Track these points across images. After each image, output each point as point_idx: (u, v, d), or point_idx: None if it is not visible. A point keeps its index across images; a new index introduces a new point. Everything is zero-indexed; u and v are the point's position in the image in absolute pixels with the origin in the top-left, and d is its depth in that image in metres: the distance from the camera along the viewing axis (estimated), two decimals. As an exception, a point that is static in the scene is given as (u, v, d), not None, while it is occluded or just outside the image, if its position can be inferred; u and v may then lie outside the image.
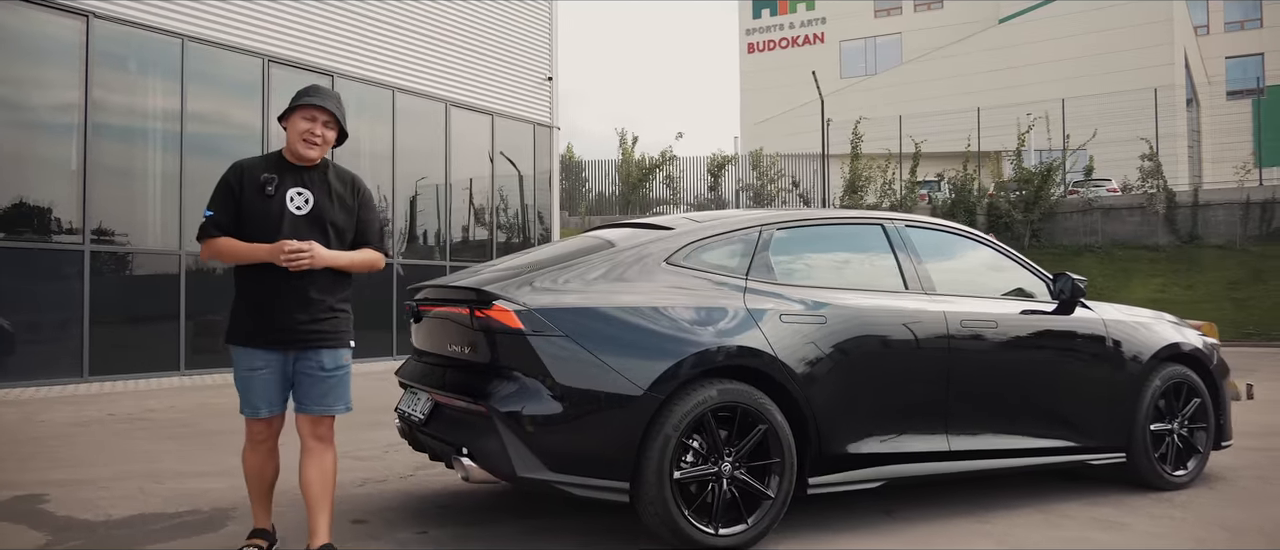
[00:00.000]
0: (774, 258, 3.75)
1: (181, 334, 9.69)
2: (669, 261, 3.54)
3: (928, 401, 3.84)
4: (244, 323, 3.10)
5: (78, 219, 9.05)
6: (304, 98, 3.12)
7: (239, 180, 3.09)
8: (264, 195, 3.05)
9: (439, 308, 3.62)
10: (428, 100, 12.76)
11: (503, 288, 3.30)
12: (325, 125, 3.11)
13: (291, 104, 3.13)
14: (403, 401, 3.90)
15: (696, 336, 3.36)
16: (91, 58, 9.10)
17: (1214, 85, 41.42)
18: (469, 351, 3.40)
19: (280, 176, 3.08)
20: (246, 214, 3.06)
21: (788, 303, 3.61)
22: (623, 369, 3.22)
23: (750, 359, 3.44)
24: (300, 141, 3.09)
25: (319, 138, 3.10)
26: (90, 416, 6.96)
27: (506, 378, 3.23)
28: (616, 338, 3.27)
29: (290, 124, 3.11)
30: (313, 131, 3.08)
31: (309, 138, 3.08)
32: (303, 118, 3.09)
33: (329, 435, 3.18)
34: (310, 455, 3.13)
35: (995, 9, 39.01)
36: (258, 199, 3.06)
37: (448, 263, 12.96)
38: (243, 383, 3.12)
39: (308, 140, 3.08)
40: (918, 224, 4.23)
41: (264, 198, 3.06)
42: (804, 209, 4.18)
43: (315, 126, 3.08)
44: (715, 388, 3.34)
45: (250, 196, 3.06)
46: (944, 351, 3.89)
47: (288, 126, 3.13)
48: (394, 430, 6.25)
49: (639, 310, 3.34)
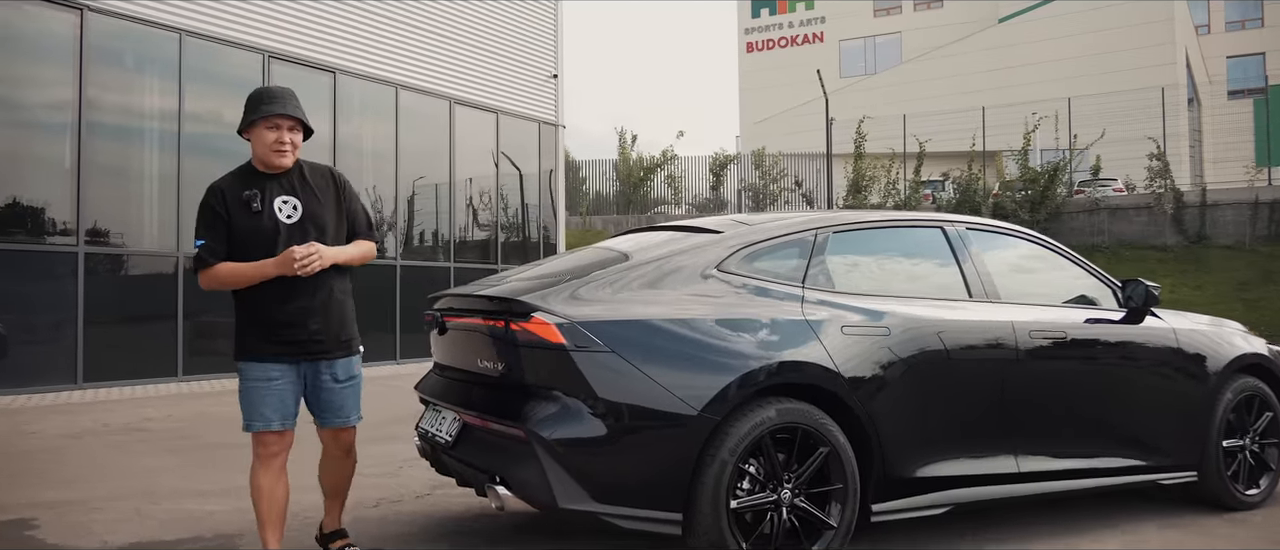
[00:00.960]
0: (831, 263, 3.45)
1: (179, 338, 9.36)
2: (720, 268, 3.23)
3: (996, 419, 3.55)
4: (255, 336, 3.02)
5: (72, 219, 8.72)
6: (264, 108, 3.02)
7: (222, 202, 3.01)
8: (252, 212, 3.00)
9: (468, 319, 3.30)
10: (432, 98, 12.44)
11: (541, 298, 2.99)
12: (291, 130, 3.05)
13: (250, 116, 3.03)
14: (424, 420, 3.59)
15: (753, 351, 3.05)
16: (86, 53, 8.77)
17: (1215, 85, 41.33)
18: (502, 368, 3.09)
19: (262, 189, 3.02)
20: (238, 234, 3.00)
21: (848, 313, 3.31)
22: (674, 388, 2.91)
23: (811, 375, 3.14)
24: (272, 153, 3.03)
25: (288, 144, 3.04)
26: (84, 427, 6.63)
27: (546, 398, 2.93)
28: (667, 353, 2.97)
29: (255, 136, 3.04)
30: (281, 140, 3.02)
31: (279, 148, 3.03)
32: (267, 128, 3.02)
33: (351, 444, 3.22)
34: (331, 460, 3.24)
35: (995, 8, 38.87)
36: (246, 217, 3.00)
37: (452, 263, 12.64)
38: (255, 395, 3.01)
39: (278, 150, 3.03)
40: (978, 226, 3.93)
41: (252, 214, 3.00)
42: (859, 211, 3.84)
43: (282, 134, 3.02)
44: (774, 407, 3.05)
45: (238, 216, 2.99)
46: (1012, 365, 3.59)
47: (252, 138, 3.05)
48: (408, 445, 6.00)
49: (691, 323, 3.04)
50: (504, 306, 3.05)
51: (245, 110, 3.06)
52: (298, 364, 3.04)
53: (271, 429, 3.01)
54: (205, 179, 3.28)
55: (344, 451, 3.20)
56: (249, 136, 3.07)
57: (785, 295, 3.26)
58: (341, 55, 11.18)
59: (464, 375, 3.39)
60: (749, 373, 3.01)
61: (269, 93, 3.09)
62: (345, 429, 3.17)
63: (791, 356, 3.11)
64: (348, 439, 3.20)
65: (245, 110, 3.06)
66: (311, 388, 3.09)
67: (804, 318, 3.21)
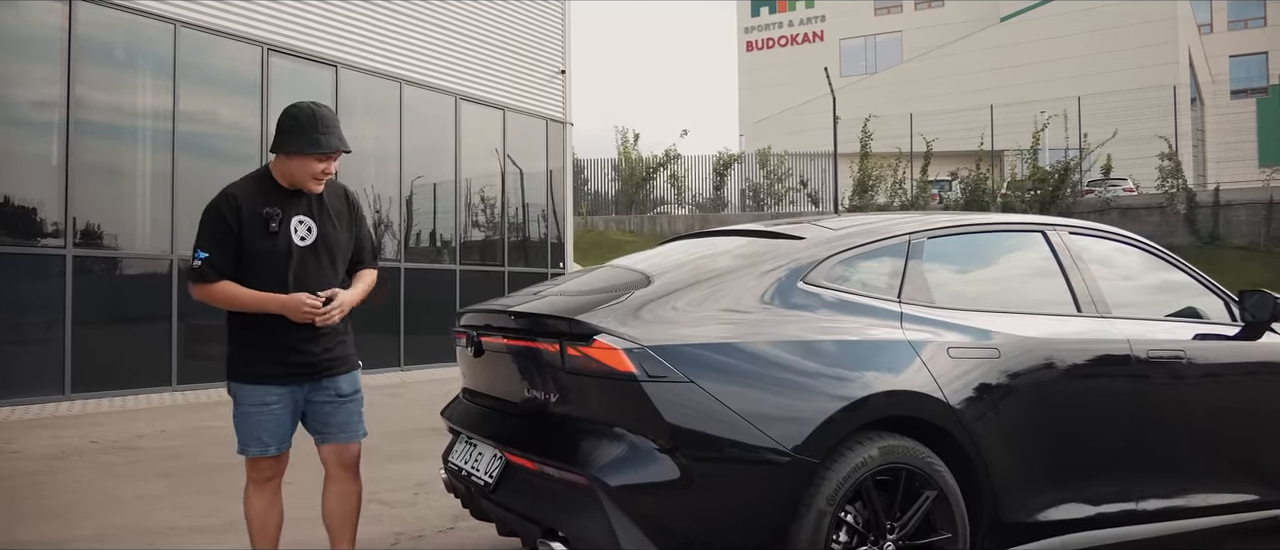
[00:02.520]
0: (928, 272, 3.00)
1: (173, 346, 8.86)
2: (807, 281, 2.77)
3: (1113, 451, 3.10)
4: (252, 358, 2.85)
5: (60, 220, 8.22)
6: (320, 138, 2.80)
7: (236, 213, 2.78)
8: (267, 232, 2.80)
9: (511, 340, 2.84)
10: (437, 93, 11.95)
11: (602, 317, 2.52)
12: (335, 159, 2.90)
13: (299, 144, 2.79)
14: (456, 454, 3.12)
15: (853, 378, 2.60)
16: (74, 44, 8.26)
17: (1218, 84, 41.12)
18: (555, 399, 2.63)
19: (283, 207, 2.84)
20: (248, 253, 2.80)
21: (953, 331, 2.85)
22: (764, 424, 2.46)
23: (917, 406, 2.69)
24: (311, 180, 2.85)
25: (331, 173, 2.91)
26: (70, 445, 6.14)
27: (610, 436, 2.47)
28: (754, 383, 2.51)
29: (300, 163, 2.82)
30: (327, 170, 2.88)
31: (319, 179, 2.87)
32: (317, 160, 2.83)
33: (356, 463, 3.03)
34: (335, 484, 3.01)
35: (996, 7, 38.62)
36: (261, 237, 2.80)
37: (457, 265, 12.16)
38: (251, 419, 2.85)
39: (319, 179, 2.87)
40: (1080, 229, 3.48)
41: (268, 235, 2.80)
42: (953, 213, 3.37)
43: (330, 165, 2.87)
44: (876, 445, 2.59)
45: (252, 232, 2.79)
46: (1130, 390, 3.15)
47: (290, 161, 2.83)
48: (422, 464, 5.55)
49: (781, 346, 2.58)
50: (561, 326, 2.58)
51: (290, 131, 2.80)
52: (299, 385, 2.88)
53: (268, 455, 2.87)
54: (200, 178, 2.93)
55: (350, 471, 3.01)
56: (287, 158, 2.84)
57: (882, 311, 2.81)
58: (343, 48, 10.69)
59: (505, 405, 2.92)
60: (851, 405, 2.55)
61: (322, 120, 2.83)
62: (350, 445, 2.99)
63: (896, 384, 2.65)
64: (353, 456, 3.01)
65: (290, 131, 2.80)
66: (313, 405, 2.92)
67: (905, 338, 2.76)
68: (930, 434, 2.72)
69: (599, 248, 22.10)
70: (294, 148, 2.79)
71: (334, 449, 2.98)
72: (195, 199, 8.56)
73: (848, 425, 2.55)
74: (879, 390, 2.61)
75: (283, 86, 9.96)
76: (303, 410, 2.93)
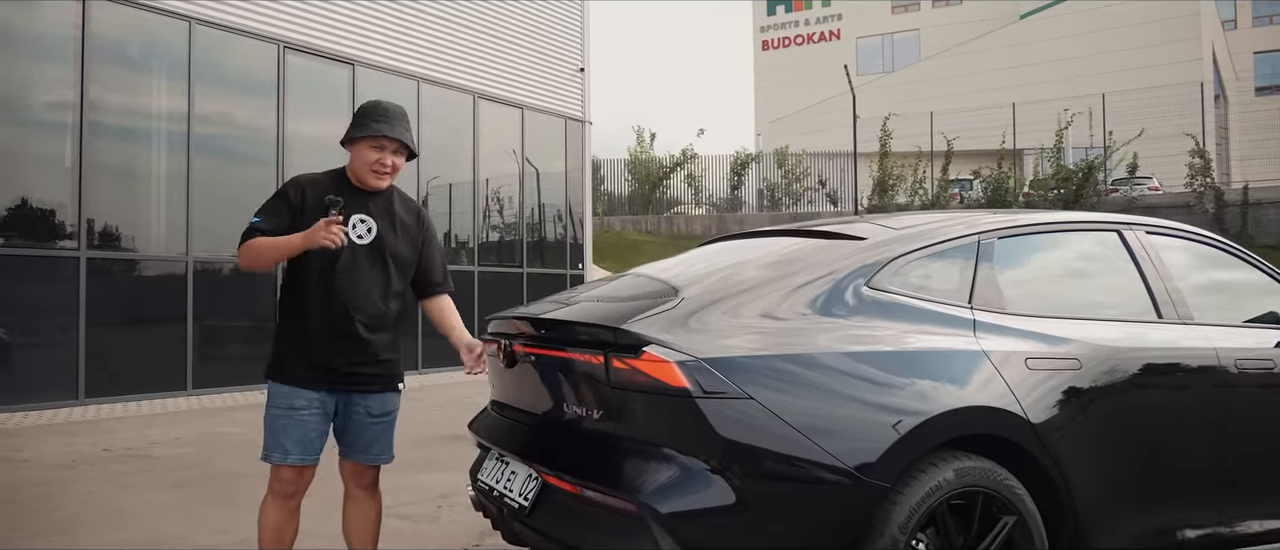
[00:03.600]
0: (999, 275, 2.75)
1: (188, 349, 8.70)
2: (871, 285, 2.53)
3: (1204, 469, 2.84)
4: (290, 359, 2.78)
5: (73, 222, 8.07)
6: (373, 126, 2.80)
7: (300, 195, 2.80)
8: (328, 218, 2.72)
9: (549, 350, 2.61)
10: (455, 92, 11.75)
11: (652, 326, 2.29)
12: (395, 153, 2.84)
13: (356, 132, 2.82)
14: (487, 472, 2.89)
15: (927, 394, 2.36)
16: (87, 42, 8.11)
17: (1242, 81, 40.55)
18: (598, 415, 2.40)
19: (347, 201, 2.76)
20: None
21: (1029, 340, 2.61)
22: (830, 445, 2.22)
23: (994, 423, 2.44)
24: (369, 173, 2.82)
25: (389, 167, 2.84)
26: (82, 452, 5.97)
27: (659, 457, 2.24)
28: (819, 400, 2.27)
29: (356, 151, 2.84)
30: (382, 162, 2.81)
31: (379, 169, 2.82)
32: (370, 147, 2.80)
33: (374, 483, 2.95)
34: (353, 501, 2.94)
35: (1015, 5, 38.22)
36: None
37: (475, 267, 11.96)
38: (278, 422, 2.75)
39: (377, 171, 2.82)
40: (1157, 228, 3.22)
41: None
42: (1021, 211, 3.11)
43: (385, 157, 2.81)
44: (951, 467, 2.35)
45: (312, 218, 2.72)
46: (1219, 402, 2.90)
47: (353, 152, 2.86)
48: (444, 475, 5.34)
49: (848, 358, 2.34)
50: (604, 337, 2.35)
51: (353, 122, 2.85)
52: (331, 393, 2.78)
53: (288, 463, 2.74)
54: (215, 178, 2.78)
55: (367, 490, 2.93)
56: (350, 149, 2.87)
57: (953, 319, 2.56)
58: (360, 46, 10.51)
59: (541, 421, 2.69)
60: (925, 422, 2.31)
61: (381, 109, 2.85)
62: (369, 468, 2.91)
63: (972, 399, 2.41)
64: (370, 477, 2.93)
65: (353, 122, 2.85)
66: (343, 417, 2.84)
67: (979, 348, 2.51)
68: (1007, 453, 2.48)
69: (615, 248, 21.88)
70: (351, 135, 2.81)
71: (353, 467, 2.91)
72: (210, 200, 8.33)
73: (921, 445, 2.31)
74: (954, 406, 2.37)
75: (298, 85, 9.80)
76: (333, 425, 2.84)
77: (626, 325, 2.29)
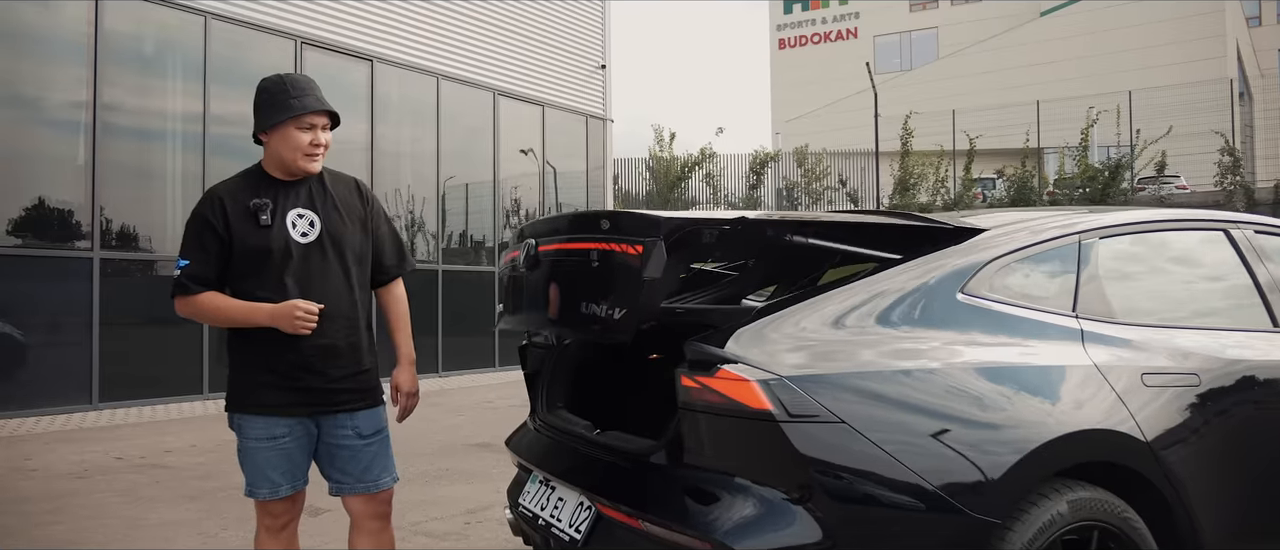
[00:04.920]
0: (1104, 280, 2.45)
1: (204, 352, 8.49)
2: (966, 291, 2.24)
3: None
4: (255, 383, 2.42)
5: (87, 222, 7.87)
6: (294, 103, 2.41)
7: (221, 213, 2.40)
8: (258, 226, 2.39)
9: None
10: (475, 89, 11.51)
11: (725, 338, 2.01)
12: (324, 128, 2.48)
13: (276, 115, 2.40)
14: (530, 496, 2.62)
15: (1040, 416, 2.08)
16: (100, 37, 7.91)
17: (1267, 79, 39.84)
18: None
19: (274, 198, 2.43)
20: (240, 254, 2.39)
21: (1143, 353, 2.32)
22: (933, 476, 1.94)
23: (1113, 449, 2.16)
24: (303, 158, 2.44)
25: (323, 145, 2.47)
26: (94, 461, 5.75)
27: (733, 488, 1.97)
28: (918, 424, 1.99)
29: (280, 138, 2.42)
30: (317, 141, 2.45)
31: (313, 152, 2.45)
32: (298, 129, 2.41)
33: (389, 511, 2.59)
34: (369, 535, 2.57)
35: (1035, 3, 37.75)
36: (251, 232, 2.39)
37: (496, 267, 11.72)
38: (258, 456, 2.43)
39: (312, 154, 2.45)
40: (1268, 228, 2.91)
41: (259, 229, 2.39)
42: (1119, 209, 2.79)
43: (318, 134, 2.45)
44: (1065, 499, 2.07)
45: (241, 231, 2.39)
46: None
47: (274, 140, 2.43)
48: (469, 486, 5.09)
49: (950, 375, 2.05)
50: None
51: (263, 106, 2.44)
52: (312, 417, 2.46)
53: (279, 497, 2.46)
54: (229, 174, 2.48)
55: (381, 519, 2.58)
56: (267, 139, 2.45)
57: (1058, 329, 2.27)
58: (379, 42, 10.29)
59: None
60: (1040, 448, 2.02)
61: (294, 83, 2.47)
62: (380, 493, 2.54)
63: (1090, 422, 2.13)
64: (383, 504, 2.57)
65: (263, 106, 2.44)
66: (327, 446, 2.49)
67: (1090, 362, 2.22)
68: (1122, 481, 2.19)
69: (634, 248, 21.60)
70: (269, 121, 2.41)
71: (361, 501, 2.54)
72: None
73: (1036, 474, 2.02)
74: (1071, 429, 2.08)
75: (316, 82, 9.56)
76: (316, 449, 2.51)
77: (697, 339, 2.02)
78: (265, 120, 2.43)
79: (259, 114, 2.45)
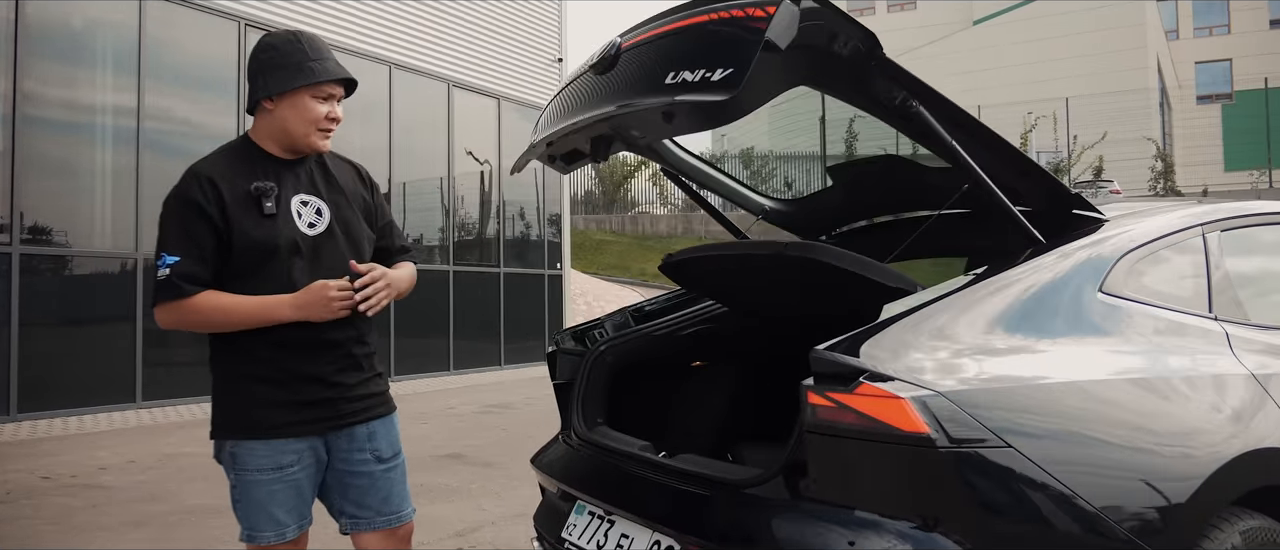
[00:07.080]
0: (1233, 277, 2.19)
1: (137, 356, 7.80)
2: (1104, 290, 1.94)
3: None
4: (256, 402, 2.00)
5: (5, 213, 7.13)
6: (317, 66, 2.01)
7: (214, 197, 1.97)
8: (262, 215, 1.99)
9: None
10: (428, 79, 10.97)
11: (862, 347, 1.66)
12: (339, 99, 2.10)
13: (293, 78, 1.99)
14: (578, 532, 2.23)
15: (1212, 435, 1.80)
16: (21, 17, 7.18)
17: (1184, 89, 41.61)
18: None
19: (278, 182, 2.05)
20: (240, 248, 1.98)
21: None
22: (1108, 508, 1.63)
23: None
24: (315, 132, 2.06)
25: (337, 121, 2.10)
26: (16, 481, 5.12)
27: (862, 524, 1.62)
28: (1093, 448, 1.68)
29: (291, 107, 2.02)
30: (334, 115, 2.08)
31: (329, 127, 2.08)
32: (315, 98, 2.03)
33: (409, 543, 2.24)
34: None
35: (969, 10, 38.71)
36: (254, 224, 1.98)
37: (450, 266, 11.19)
38: (264, 491, 1.99)
39: (326, 130, 2.08)
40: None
41: (262, 218, 1.99)
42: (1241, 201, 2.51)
43: (334, 107, 2.08)
44: (1237, 530, 1.79)
45: (241, 220, 1.97)
46: None
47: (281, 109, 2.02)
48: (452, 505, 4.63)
49: (1116, 388, 1.75)
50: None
51: (271, 67, 2.01)
52: (321, 437, 2.07)
53: (286, 540, 2.04)
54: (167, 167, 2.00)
55: None
56: (273, 107, 2.03)
57: (1202, 332, 2.00)
58: (327, 27, 9.67)
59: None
60: (1218, 472, 1.74)
61: (312, 43, 2.06)
62: (401, 528, 2.19)
63: (1261, 439, 1.85)
64: (404, 541, 2.22)
65: (271, 67, 2.01)
66: (338, 475, 2.12)
67: (1246, 370, 1.95)
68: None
69: (582, 248, 21.25)
70: (280, 86, 2.00)
71: (381, 536, 2.17)
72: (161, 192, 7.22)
73: (1216, 503, 1.74)
74: (1247, 449, 1.80)
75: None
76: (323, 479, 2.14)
77: (827, 348, 1.66)
78: (274, 84, 2.01)
79: (264, 75, 2.02)
